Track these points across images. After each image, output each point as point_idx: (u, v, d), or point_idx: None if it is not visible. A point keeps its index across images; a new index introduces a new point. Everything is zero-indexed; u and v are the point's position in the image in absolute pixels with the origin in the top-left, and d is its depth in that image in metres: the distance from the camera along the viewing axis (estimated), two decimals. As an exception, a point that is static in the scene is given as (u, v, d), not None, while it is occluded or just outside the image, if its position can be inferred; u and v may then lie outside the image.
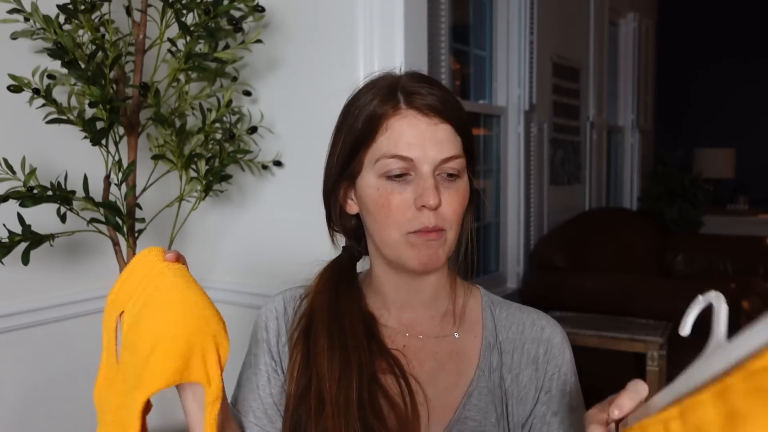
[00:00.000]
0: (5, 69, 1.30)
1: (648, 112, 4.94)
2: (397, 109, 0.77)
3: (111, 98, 1.30)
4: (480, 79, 2.96)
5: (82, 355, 1.61)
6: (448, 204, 0.77)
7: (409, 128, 0.76)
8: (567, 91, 3.53)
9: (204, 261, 1.85)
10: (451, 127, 0.78)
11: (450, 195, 0.77)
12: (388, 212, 0.77)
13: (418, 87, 0.78)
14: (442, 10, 2.46)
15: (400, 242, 0.77)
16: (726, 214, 5.17)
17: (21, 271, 1.32)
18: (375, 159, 0.78)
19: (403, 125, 0.77)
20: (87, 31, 1.31)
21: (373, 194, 0.78)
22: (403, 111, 0.77)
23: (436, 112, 0.77)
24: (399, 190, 0.76)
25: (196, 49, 1.41)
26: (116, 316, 0.72)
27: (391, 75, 0.82)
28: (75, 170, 1.40)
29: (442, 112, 0.77)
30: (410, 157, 0.76)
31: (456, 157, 0.78)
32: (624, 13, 4.42)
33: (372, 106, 0.78)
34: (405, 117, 0.77)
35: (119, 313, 0.71)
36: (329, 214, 0.87)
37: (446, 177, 0.78)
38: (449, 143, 0.77)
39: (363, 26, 1.55)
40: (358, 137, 0.79)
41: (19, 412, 1.49)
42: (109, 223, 1.34)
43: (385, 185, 0.77)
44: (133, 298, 0.69)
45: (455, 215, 0.78)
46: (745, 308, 2.96)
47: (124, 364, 0.70)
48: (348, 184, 0.83)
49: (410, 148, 0.76)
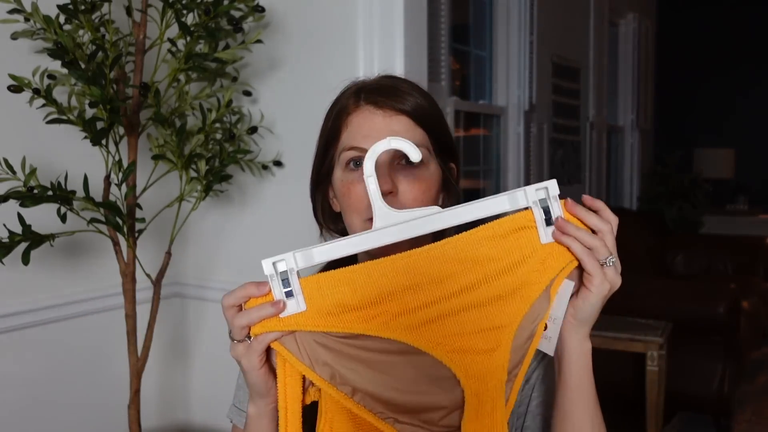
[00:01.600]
0: (6, 69, 1.30)
1: (648, 112, 4.94)
2: (357, 105, 0.82)
3: (111, 98, 1.30)
4: (480, 79, 2.96)
5: (82, 355, 1.61)
6: (408, 191, 0.79)
7: (365, 121, 0.81)
8: (567, 91, 3.54)
9: (204, 261, 1.85)
10: (407, 118, 0.81)
11: (410, 182, 0.79)
12: (349, 201, 0.81)
13: (380, 84, 0.84)
14: (442, 10, 2.46)
15: (361, 229, 0.79)
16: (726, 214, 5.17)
17: (21, 271, 1.32)
18: (339, 153, 0.83)
19: (360, 119, 0.81)
20: (87, 31, 1.31)
21: (339, 186, 0.83)
22: (362, 106, 0.82)
23: (392, 106, 0.81)
24: (358, 179, 0.79)
25: (196, 50, 1.41)
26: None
27: (365, 78, 0.87)
28: (75, 170, 1.40)
29: (399, 106, 0.81)
30: (365, 147, 0.78)
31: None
32: (624, 13, 4.43)
33: (339, 105, 0.84)
34: (363, 111, 0.81)
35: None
36: (315, 212, 0.91)
37: (404, 165, 0.80)
38: (405, 134, 0.79)
39: (363, 26, 1.55)
40: (329, 135, 0.85)
41: (19, 411, 1.49)
42: (109, 223, 1.34)
43: (347, 176, 0.82)
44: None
45: (416, 202, 0.79)
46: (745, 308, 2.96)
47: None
48: (329, 182, 0.87)
49: (365, 139, 0.79)
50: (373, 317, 0.67)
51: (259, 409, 0.74)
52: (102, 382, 1.64)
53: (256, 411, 0.75)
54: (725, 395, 2.61)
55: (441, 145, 0.84)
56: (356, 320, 0.67)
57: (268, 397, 0.73)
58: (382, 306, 0.67)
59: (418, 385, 0.68)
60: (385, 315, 0.67)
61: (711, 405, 2.64)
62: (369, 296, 0.67)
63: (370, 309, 0.67)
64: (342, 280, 0.67)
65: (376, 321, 0.67)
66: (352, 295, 0.67)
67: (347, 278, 0.67)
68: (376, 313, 0.67)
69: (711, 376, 2.60)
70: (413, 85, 0.85)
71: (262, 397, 0.73)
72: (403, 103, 0.81)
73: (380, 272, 0.67)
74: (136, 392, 1.45)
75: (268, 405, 0.74)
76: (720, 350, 2.64)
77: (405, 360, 0.68)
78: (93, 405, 1.64)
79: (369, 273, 0.67)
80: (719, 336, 2.66)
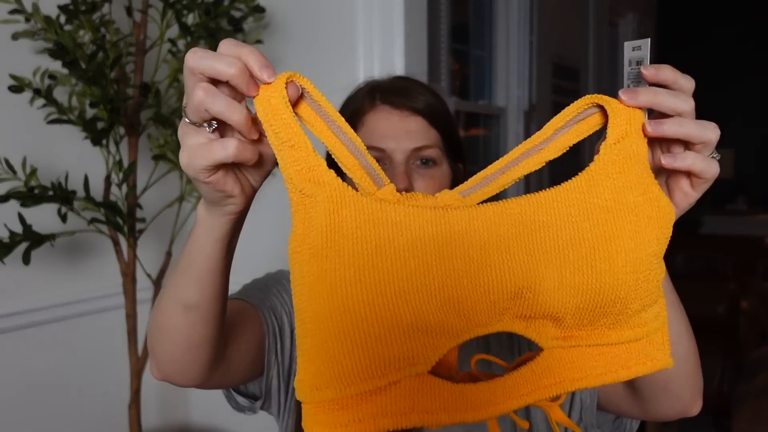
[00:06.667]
0: (6, 69, 1.30)
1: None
2: (373, 105, 0.82)
3: (112, 98, 1.30)
4: (480, 79, 2.96)
5: (82, 355, 1.61)
6: (423, 189, 0.79)
7: (383, 121, 0.80)
8: (567, 91, 3.54)
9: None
10: (423, 119, 0.81)
11: (425, 181, 0.80)
12: None
13: (394, 85, 0.83)
14: (442, 11, 2.46)
15: None
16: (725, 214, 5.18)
17: (22, 271, 1.32)
18: None
19: (377, 119, 0.81)
20: (88, 31, 1.31)
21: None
22: (378, 106, 0.82)
23: (408, 106, 0.81)
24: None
25: (196, 50, 1.41)
26: None
27: (377, 79, 0.87)
28: (75, 170, 1.40)
29: (415, 106, 0.81)
30: (383, 147, 0.79)
31: (429, 146, 0.81)
32: (624, 13, 4.43)
33: (353, 106, 0.84)
34: (379, 111, 0.81)
35: None
36: None
37: (420, 164, 0.80)
38: (421, 134, 0.80)
39: (363, 26, 1.55)
40: None
41: (19, 411, 1.49)
42: (109, 223, 1.34)
43: None
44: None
45: None
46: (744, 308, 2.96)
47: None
48: None
49: (383, 139, 0.79)
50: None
51: (213, 218, 0.55)
52: (102, 382, 1.64)
53: (208, 216, 0.56)
54: (724, 395, 2.61)
55: (451, 146, 0.85)
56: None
57: (226, 206, 0.54)
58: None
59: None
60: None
61: (710, 405, 2.64)
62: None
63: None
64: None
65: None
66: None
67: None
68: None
69: (710, 375, 2.61)
70: (425, 86, 0.86)
71: (216, 205, 0.54)
72: (419, 104, 0.81)
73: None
74: (136, 392, 1.45)
75: (224, 216, 0.55)
76: (719, 350, 2.64)
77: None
78: (93, 405, 1.64)
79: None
80: (718, 336, 2.66)
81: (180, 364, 0.65)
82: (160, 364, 0.66)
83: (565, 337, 0.51)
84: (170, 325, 0.62)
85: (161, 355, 0.65)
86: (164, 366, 0.66)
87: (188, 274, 0.59)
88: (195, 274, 0.59)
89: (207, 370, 0.66)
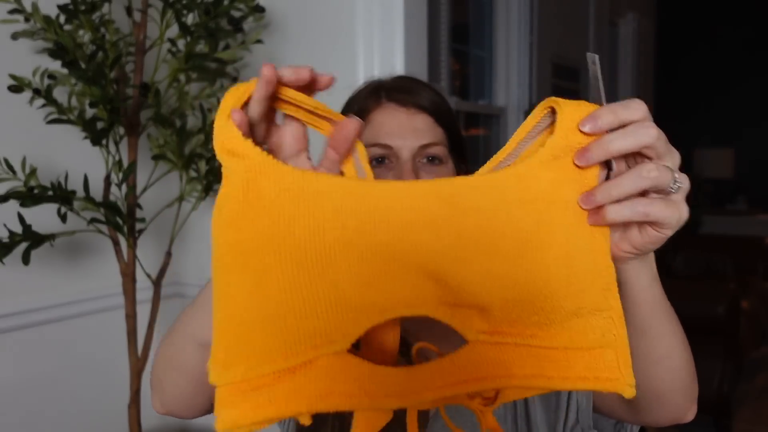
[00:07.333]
0: (6, 69, 1.30)
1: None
2: (378, 103, 0.82)
3: (111, 98, 1.30)
4: (480, 79, 2.96)
5: (82, 355, 1.61)
6: None
7: (389, 119, 0.81)
8: (567, 91, 3.54)
9: (204, 261, 1.85)
10: (429, 117, 0.81)
11: (431, 178, 0.79)
12: None
13: (399, 83, 0.84)
14: (442, 11, 2.46)
15: None
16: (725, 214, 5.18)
17: (21, 271, 1.32)
18: None
19: (383, 117, 0.81)
20: (87, 31, 1.31)
21: None
22: (384, 104, 0.82)
23: (414, 104, 0.81)
24: (381, 176, 0.79)
25: (196, 50, 1.41)
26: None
27: (380, 78, 0.87)
28: (75, 170, 1.40)
29: (421, 104, 0.81)
30: (389, 144, 0.79)
31: (435, 144, 0.81)
32: (624, 13, 4.42)
33: (357, 104, 0.84)
34: (386, 109, 0.81)
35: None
36: None
37: (427, 162, 0.81)
38: (428, 131, 0.80)
39: (363, 26, 1.55)
40: None
41: (20, 411, 1.49)
42: (109, 223, 1.34)
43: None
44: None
45: None
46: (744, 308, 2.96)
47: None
48: None
49: (389, 137, 0.79)
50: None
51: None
52: (102, 382, 1.64)
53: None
54: (725, 395, 2.61)
55: (454, 144, 0.85)
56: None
57: None
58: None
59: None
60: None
61: (710, 405, 2.64)
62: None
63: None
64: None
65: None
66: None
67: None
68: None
69: (710, 376, 2.61)
70: (428, 85, 0.86)
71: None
72: (425, 102, 0.81)
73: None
74: (136, 392, 1.45)
75: None
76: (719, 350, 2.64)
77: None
78: (93, 405, 1.64)
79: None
80: (719, 336, 2.66)
81: (191, 398, 0.65)
82: (165, 399, 0.66)
83: (492, 332, 0.47)
84: (183, 360, 0.62)
85: (171, 389, 0.65)
86: (170, 401, 0.66)
87: (206, 310, 0.58)
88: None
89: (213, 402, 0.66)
